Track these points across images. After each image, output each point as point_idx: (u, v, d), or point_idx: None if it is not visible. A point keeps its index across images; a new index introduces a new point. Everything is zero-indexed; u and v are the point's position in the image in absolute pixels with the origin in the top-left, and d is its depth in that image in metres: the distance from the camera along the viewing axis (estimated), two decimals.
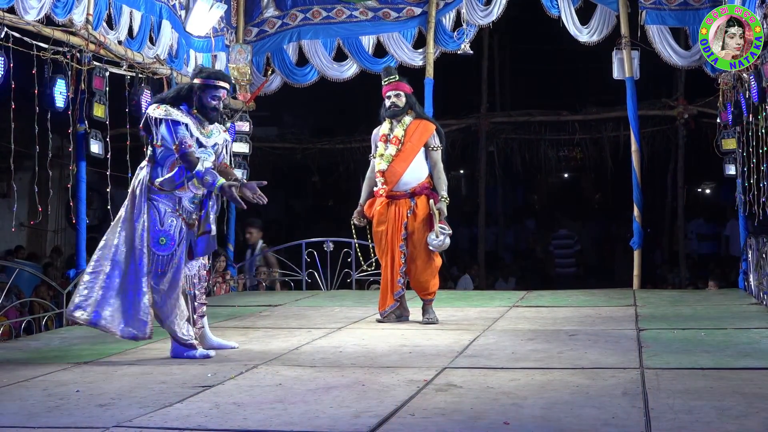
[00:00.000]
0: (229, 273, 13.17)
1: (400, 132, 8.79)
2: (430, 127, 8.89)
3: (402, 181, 8.74)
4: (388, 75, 8.93)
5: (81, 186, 9.84)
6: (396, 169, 8.73)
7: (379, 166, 8.82)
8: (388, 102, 8.87)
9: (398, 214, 8.74)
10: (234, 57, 13.10)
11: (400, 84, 8.89)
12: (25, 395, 5.77)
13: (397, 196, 8.77)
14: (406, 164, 8.73)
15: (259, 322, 9.36)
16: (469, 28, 12.74)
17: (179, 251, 7.13)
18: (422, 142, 8.80)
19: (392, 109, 8.84)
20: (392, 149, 8.77)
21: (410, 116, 8.88)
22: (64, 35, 9.25)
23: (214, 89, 7.18)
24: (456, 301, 10.93)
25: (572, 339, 7.62)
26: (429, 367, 6.39)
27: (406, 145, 8.76)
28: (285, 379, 6.12)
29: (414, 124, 8.85)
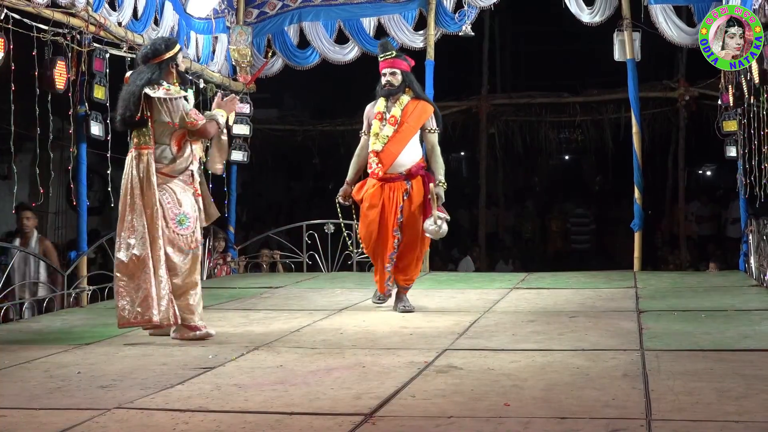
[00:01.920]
0: (230, 255, 13.17)
1: (398, 112, 8.40)
2: (429, 109, 8.53)
3: (397, 162, 8.36)
4: (384, 51, 8.52)
5: (82, 168, 9.83)
6: (392, 151, 8.35)
7: (374, 146, 8.42)
8: (383, 79, 8.48)
9: (393, 197, 8.35)
10: (234, 39, 13.07)
11: (397, 61, 8.49)
12: (27, 377, 5.79)
13: (392, 178, 8.38)
14: (403, 146, 8.36)
15: (260, 303, 9.38)
16: (470, 9, 12.69)
17: (197, 227, 7.27)
18: (420, 123, 8.45)
19: (388, 88, 8.45)
20: (389, 129, 8.38)
21: (408, 95, 8.49)
22: (64, 17, 9.22)
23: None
24: (457, 283, 10.96)
25: (573, 321, 7.63)
26: (430, 349, 6.40)
27: (402, 126, 8.37)
28: (286, 361, 6.13)
29: (412, 104, 8.45)
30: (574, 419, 4.43)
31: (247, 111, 13.24)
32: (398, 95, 8.45)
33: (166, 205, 7.06)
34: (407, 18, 13.06)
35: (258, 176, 21.14)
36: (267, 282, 11.18)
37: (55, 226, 16.52)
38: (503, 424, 4.40)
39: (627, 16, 12.21)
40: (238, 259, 13.40)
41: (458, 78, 19.18)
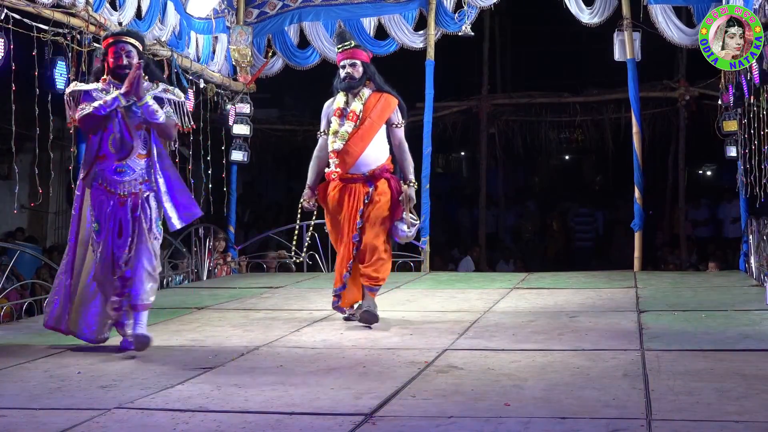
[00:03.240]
0: (230, 255, 13.17)
1: (358, 106, 7.69)
2: (393, 102, 7.76)
3: (360, 162, 7.63)
4: (342, 41, 7.84)
5: None
6: (353, 149, 7.62)
7: (334, 145, 7.68)
8: (342, 72, 7.76)
9: (354, 200, 7.63)
10: (235, 38, 13.08)
11: (357, 51, 7.80)
12: (27, 377, 5.79)
13: (353, 179, 7.66)
14: (365, 143, 7.64)
15: (261, 303, 9.37)
16: (470, 9, 12.70)
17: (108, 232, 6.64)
18: (383, 118, 7.72)
19: (347, 81, 7.72)
20: (349, 126, 7.66)
21: (369, 88, 7.77)
22: (64, 17, 9.22)
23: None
24: (457, 283, 10.95)
25: (573, 321, 7.63)
26: (430, 349, 6.40)
27: (365, 122, 7.67)
28: (286, 361, 6.13)
29: (373, 98, 7.74)
30: (574, 419, 4.43)
31: (248, 111, 13.25)
32: (359, 89, 7.75)
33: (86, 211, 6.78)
34: (407, 18, 13.06)
35: (258, 176, 21.15)
36: (267, 282, 11.17)
37: (55, 226, 16.54)
38: (503, 424, 4.40)
39: (627, 16, 12.21)
40: (239, 259, 13.39)
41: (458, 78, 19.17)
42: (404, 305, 8.95)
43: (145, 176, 6.68)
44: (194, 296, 10.17)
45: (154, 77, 6.88)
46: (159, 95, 6.77)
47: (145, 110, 6.60)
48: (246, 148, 13.30)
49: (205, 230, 12.47)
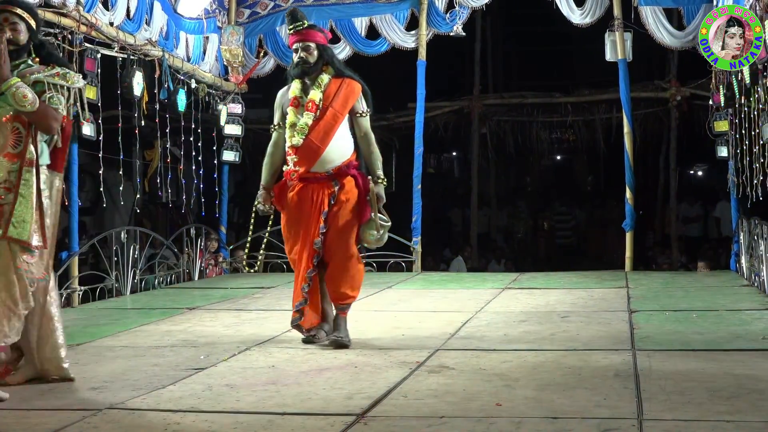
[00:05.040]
0: (222, 255, 13.16)
1: (317, 95, 6.73)
2: (356, 88, 6.82)
3: (323, 159, 6.67)
4: (293, 21, 6.83)
5: (73, 168, 9.81)
6: (315, 144, 6.66)
7: (292, 140, 6.71)
8: (295, 57, 6.83)
9: (317, 202, 6.67)
10: (226, 39, 13.07)
11: (311, 32, 6.82)
12: None
13: (315, 178, 6.70)
14: (328, 137, 6.68)
15: (252, 304, 9.36)
16: (461, 9, 12.70)
17: None
18: (347, 106, 6.77)
19: (301, 66, 6.78)
20: (308, 118, 6.70)
21: (327, 74, 6.83)
22: (55, 17, 9.20)
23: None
24: (449, 283, 10.96)
25: (564, 321, 7.63)
26: (421, 349, 6.39)
27: (326, 112, 6.71)
28: (278, 361, 6.12)
29: (334, 84, 6.80)
30: (566, 419, 4.43)
31: (239, 111, 13.24)
32: (315, 75, 6.81)
33: None
34: (399, 18, 13.05)
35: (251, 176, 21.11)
36: (259, 282, 11.16)
37: None
38: (495, 424, 4.40)
39: (618, 16, 12.22)
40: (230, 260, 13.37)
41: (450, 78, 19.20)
42: (396, 305, 8.95)
43: (13, 183, 5.40)
44: (186, 296, 10.17)
45: (50, 60, 5.70)
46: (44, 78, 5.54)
47: (10, 95, 5.34)
48: (238, 148, 13.30)
49: (196, 230, 12.46)
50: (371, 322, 7.74)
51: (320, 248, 6.62)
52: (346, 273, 6.69)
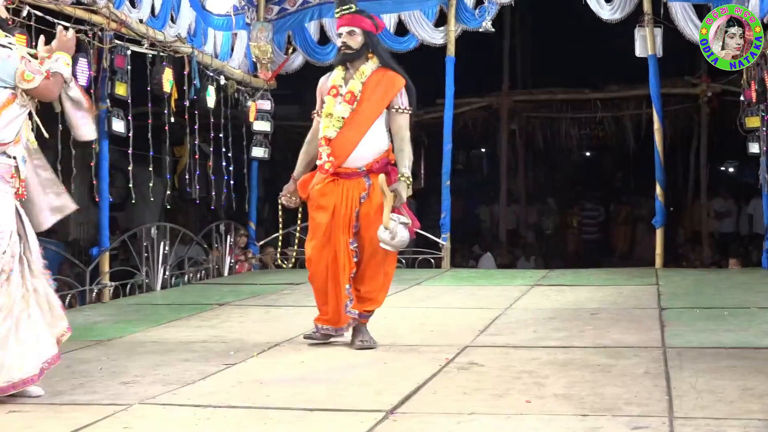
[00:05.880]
0: (251, 251, 13.20)
1: (356, 86, 6.45)
2: (398, 82, 6.49)
3: (356, 154, 6.39)
4: (341, 4, 6.54)
5: (104, 164, 9.89)
6: (348, 137, 6.39)
7: (326, 131, 6.45)
8: (338, 42, 6.57)
9: (348, 199, 6.38)
10: (255, 35, 13.08)
11: (357, 17, 6.49)
12: (50, 372, 5.77)
13: (347, 173, 6.42)
14: (363, 131, 6.40)
15: (281, 300, 9.38)
16: (490, 5, 12.66)
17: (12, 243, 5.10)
18: (386, 101, 6.45)
19: (343, 53, 6.51)
20: (344, 109, 6.43)
21: (371, 64, 6.52)
22: (85, 14, 9.26)
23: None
24: (478, 280, 10.94)
25: (594, 318, 7.61)
26: (451, 346, 6.39)
27: (363, 105, 6.42)
28: (307, 357, 6.14)
29: (376, 76, 6.49)
30: (595, 416, 4.42)
31: (268, 107, 13.26)
32: (358, 63, 6.51)
33: None
34: (427, 14, 13.02)
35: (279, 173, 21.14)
36: (288, 278, 11.17)
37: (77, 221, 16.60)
38: (525, 422, 4.40)
39: (648, 12, 12.14)
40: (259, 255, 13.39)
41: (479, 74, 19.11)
42: (425, 302, 8.95)
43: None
44: (215, 292, 10.21)
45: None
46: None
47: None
48: (267, 144, 13.32)
49: (226, 227, 12.51)
50: (400, 318, 7.74)
51: (355, 248, 6.37)
52: (376, 278, 6.49)
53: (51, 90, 5.20)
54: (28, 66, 5.10)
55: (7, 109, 5.03)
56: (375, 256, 6.40)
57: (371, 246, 6.36)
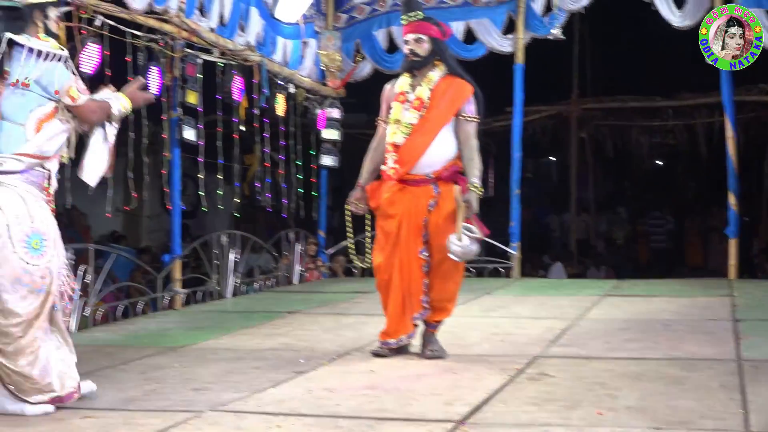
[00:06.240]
0: (320, 259, 13.24)
1: (425, 92, 6.40)
2: (466, 89, 6.44)
3: (424, 160, 6.33)
4: (408, 10, 6.57)
5: (175, 172, 9.98)
6: (416, 144, 6.33)
7: (393, 137, 6.41)
8: (406, 48, 6.53)
9: (416, 207, 6.32)
10: (324, 43, 13.14)
11: (424, 24, 6.50)
12: (123, 378, 5.88)
13: (414, 180, 6.36)
14: (431, 137, 6.33)
15: (352, 308, 9.39)
16: (559, 12, 12.56)
17: (56, 253, 4.99)
18: (454, 108, 6.40)
19: (410, 60, 6.48)
20: (412, 116, 6.38)
21: (439, 71, 6.48)
22: (157, 23, 9.36)
23: (55, 7, 5.20)
24: (548, 290, 10.86)
25: (667, 329, 7.51)
26: (521, 356, 6.35)
27: (431, 112, 6.36)
28: (377, 366, 6.13)
29: (444, 83, 6.44)
30: (669, 430, 4.36)
31: (337, 115, 13.29)
32: (425, 70, 6.48)
33: (12, 219, 4.82)
34: (496, 22, 12.96)
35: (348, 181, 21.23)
36: (359, 287, 11.18)
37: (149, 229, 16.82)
38: None
39: None
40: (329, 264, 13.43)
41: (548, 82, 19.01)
42: (495, 311, 8.90)
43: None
44: (286, 300, 10.26)
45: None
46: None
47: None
48: (336, 152, 13.35)
49: (295, 234, 12.57)
50: (469, 328, 7.70)
51: (426, 257, 6.31)
52: (445, 287, 6.42)
53: (93, 114, 5.11)
54: (78, 83, 5.04)
55: (49, 122, 4.96)
56: (444, 265, 6.32)
57: (440, 254, 6.29)
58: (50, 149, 4.96)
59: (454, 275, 6.45)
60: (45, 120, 4.93)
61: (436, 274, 6.36)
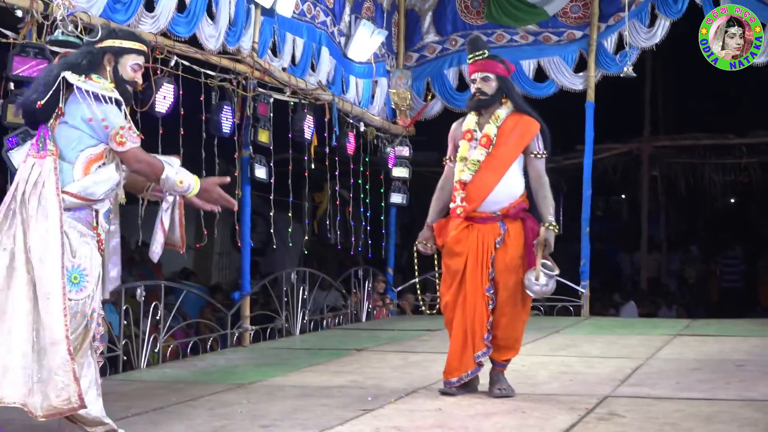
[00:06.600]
0: (389, 297, 13.25)
1: (492, 129, 6.41)
2: (534, 126, 6.46)
3: (491, 198, 6.34)
4: (474, 50, 6.56)
5: (246, 210, 10.07)
6: (485, 181, 6.36)
7: (461, 174, 6.42)
8: (472, 88, 6.54)
9: (483, 244, 6.33)
10: (394, 82, 13.22)
11: (490, 62, 6.49)
12: (192, 414, 5.92)
13: (482, 218, 6.38)
14: (499, 175, 6.35)
15: (419, 346, 9.38)
16: (631, 50, 12.52)
17: (96, 290, 4.99)
18: (522, 145, 6.41)
19: (477, 99, 6.48)
20: (479, 153, 6.39)
21: (506, 108, 6.50)
22: (230, 63, 9.50)
23: (136, 54, 5.17)
24: (618, 329, 10.75)
25: (740, 369, 7.38)
26: (591, 395, 6.29)
27: (499, 149, 6.38)
28: (444, 404, 6.11)
29: (511, 120, 6.45)
30: None
31: (407, 154, 13.34)
32: (493, 108, 6.50)
33: None
34: (567, 60, 12.96)
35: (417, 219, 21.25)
36: (426, 325, 11.16)
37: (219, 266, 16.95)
38: None
39: None
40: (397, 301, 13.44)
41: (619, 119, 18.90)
42: (564, 350, 8.83)
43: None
44: (354, 337, 10.28)
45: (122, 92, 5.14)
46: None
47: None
48: (405, 190, 13.39)
49: (364, 272, 12.60)
50: (539, 366, 7.65)
51: (492, 295, 6.29)
52: (512, 325, 6.38)
53: (138, 163, 5.00)
54: (128, 129, 4.96)
55: (98, 164, 4.94)
56: (511, 303, 6.33)
57: (506, 292, 6.30)
58: (97, 192, 4.93)
59: (521, 313, 6.43)
60: (94, 161, 4.93)
61: (502, 312, 6.33)
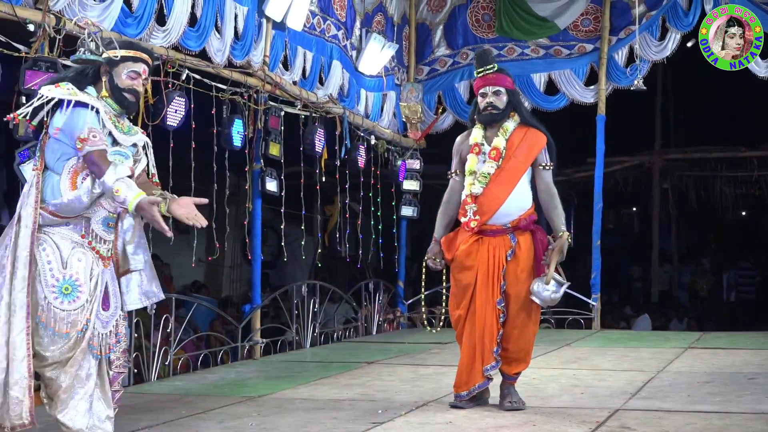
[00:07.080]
0: (399, 310, 13.24)
1: (501, 142, 6.40)
2: (541, 139, 6.46)
3: (502, 210, 6.34)
4: (482, 64, 6.55)
5: (256, 223, 10.09)
6: (495, 194, 6.35)
7: (471, 188, 6.43)
8: (482, 102, 6.48)
9: (494, 257, 6.33)
10: (405, 95, 13.24)
11: (500, 76, 6.49)
12: (202, 427, 5.93)
13: (492, 231, 6.38)
14: (510, 188, 6.36)
15: (430, 359, 9.37)
16: (642, 63, 12.52)
17: (93, 301, 4.93)
18: (531, 157, 6.42)
19: (488, 112, 6.46)
20: (489, 166, 6.40)
21: (513, 121, 6.50)
22: (241, 76, 9.53)
23: (132, 62, 5.09)
24: (629, 341, 10.73)
25: (752, 383, 7.35)
26: (601, 409, 6.27)
27: (509, 162, 6.38)
28: (455, 417, 6.10)
29: (519, 133, 6.46)
30: None
31: (417, 167, 13.35)
32: (501, 121, 6.48)
33: (44, 265, 4.85)
34: (578, 73, 12.97)
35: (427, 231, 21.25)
36: (436, 338, 11.16)
37: (230, 279, 16.97)
38: None
39: None
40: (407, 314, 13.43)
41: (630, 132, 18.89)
42: (575, 363, 8.81)
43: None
44: (364, 350, 10.27)
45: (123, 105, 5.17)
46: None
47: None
48: (416, 203, 13.40)
49: (375, 285, 12.61)
50: (549, 379, 7.64)
51: (503, 308, 6.27)
52: (523, 338, 6.37)
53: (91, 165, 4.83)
54: (92, 134, 4.83)
55: (82, 174, 4.90)
56: (522, 315, 6.31)
57: (517, 304, 6.29)
58: (76, 207, 4.88)
59: (531, 325, 6.40)
60: (79, 171, 4.89)
61: (513, 325, 6.31)
